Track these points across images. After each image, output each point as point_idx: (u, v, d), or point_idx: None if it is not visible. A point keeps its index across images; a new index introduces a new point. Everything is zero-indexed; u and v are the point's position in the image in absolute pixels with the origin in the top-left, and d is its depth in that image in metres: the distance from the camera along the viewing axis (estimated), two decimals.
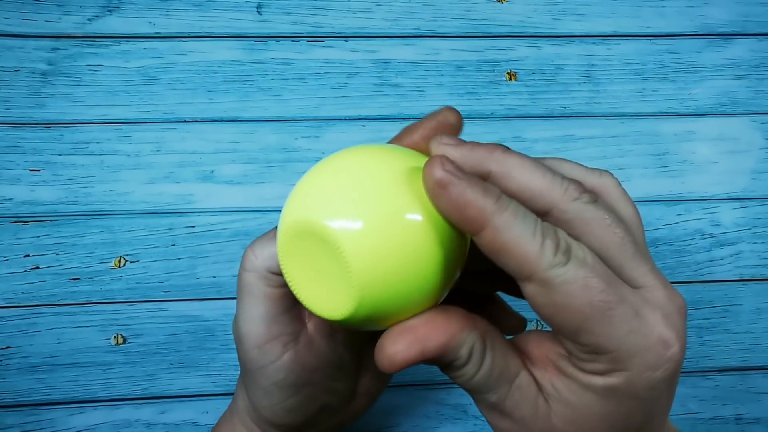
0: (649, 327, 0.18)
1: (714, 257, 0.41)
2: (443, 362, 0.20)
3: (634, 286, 0.19)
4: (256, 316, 0.24)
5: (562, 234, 0.18)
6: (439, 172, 0.18)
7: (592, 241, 0.19)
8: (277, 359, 0.24)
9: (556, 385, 0.20)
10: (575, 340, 0.18)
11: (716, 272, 0.41)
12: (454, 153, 0.20)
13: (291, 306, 0.25)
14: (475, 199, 0.18)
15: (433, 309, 0.20)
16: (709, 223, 0.41)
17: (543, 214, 0.19)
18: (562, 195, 0.19)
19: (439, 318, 0.20)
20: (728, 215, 0.42)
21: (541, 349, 0.21)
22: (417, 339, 0.19)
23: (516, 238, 0.18)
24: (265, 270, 0.24)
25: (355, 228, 0.18)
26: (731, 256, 0.41)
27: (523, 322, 0.27)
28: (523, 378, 0.20)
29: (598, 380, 0.19)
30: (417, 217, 0.19)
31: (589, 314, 0.18)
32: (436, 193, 0.18)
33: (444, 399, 0.39)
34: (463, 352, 0.19)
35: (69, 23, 0.42)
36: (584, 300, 0.17)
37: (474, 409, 0.38)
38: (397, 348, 0.19)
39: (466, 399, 0.38)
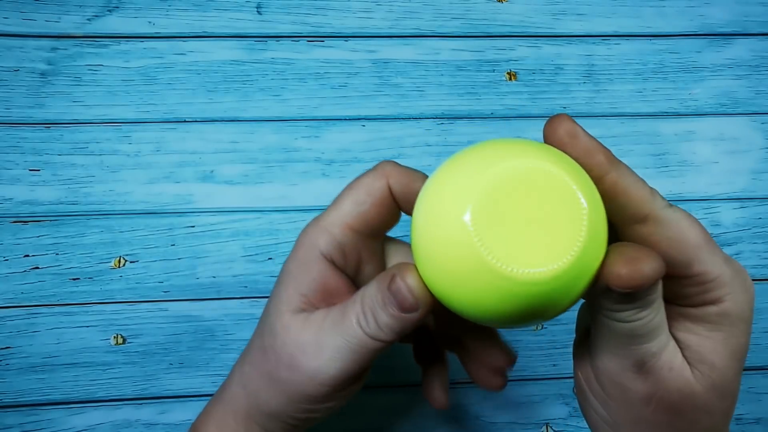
0: (732, 260, 0.22)
1: None
2: (649, 292, 0.20)
3: None
4: (351, 369, 0.24)
5: None
6: (567, 123, 0.21)
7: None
8: (336, 394, 0.25)
9: (679, 334, 0.22)
10: (686, 271, 0.21)
11: None
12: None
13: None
14: (599, 147, 0.21)
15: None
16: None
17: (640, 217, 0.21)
18: (653, 199, 0.21)
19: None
20: (728, 215, 0.42)
21: None
22: (656, 257, 0.19)
23: (634, 183, 0.21)
24: (387, 341, 0.23)
25: (572, 171, 0.20)
26: (731, 256, 0.41)
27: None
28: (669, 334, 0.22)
29: (713, 308, 0.21)
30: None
31: (698, 245, 0.21)
32: (566, 141, 0.21)
33: None
34: (660, 286, 0.20)
35: (69, 23, 0.41)
36: (693, 233, 0.21)
37: (474, 409, 0.38)
38: (651, 264, 0.19)
39: (467, 399, 0.38)
